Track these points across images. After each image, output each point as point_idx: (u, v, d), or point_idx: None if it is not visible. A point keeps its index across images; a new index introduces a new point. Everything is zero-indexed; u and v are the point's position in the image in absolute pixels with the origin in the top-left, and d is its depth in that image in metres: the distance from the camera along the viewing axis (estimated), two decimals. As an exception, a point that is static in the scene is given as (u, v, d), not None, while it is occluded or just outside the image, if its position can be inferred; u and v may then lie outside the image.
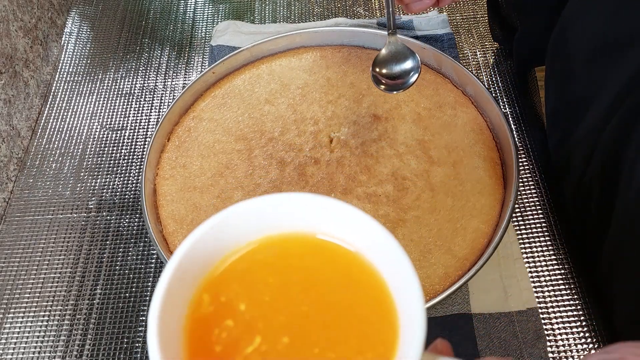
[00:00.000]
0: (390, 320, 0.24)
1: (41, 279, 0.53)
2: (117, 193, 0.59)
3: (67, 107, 0.67)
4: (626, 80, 0.42)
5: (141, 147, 0.62)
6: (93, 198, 0.59)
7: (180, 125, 0.56)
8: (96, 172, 0.61)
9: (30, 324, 0.51)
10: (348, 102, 0.56)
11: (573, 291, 0.49)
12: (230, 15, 0.75)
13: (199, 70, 0.69)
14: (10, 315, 0.51)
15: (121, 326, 0.50)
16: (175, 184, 0.52)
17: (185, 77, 0.69)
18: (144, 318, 0.50)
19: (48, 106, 0.67)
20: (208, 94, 0.58)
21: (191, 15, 0.76)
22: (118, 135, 0.64)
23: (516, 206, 0.54)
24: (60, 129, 0.65)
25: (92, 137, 0.64)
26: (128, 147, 0.62)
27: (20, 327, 0.51)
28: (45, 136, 0.64)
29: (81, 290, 0.53)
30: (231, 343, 0.23)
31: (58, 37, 0.74)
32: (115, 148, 0.62)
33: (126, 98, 0.67)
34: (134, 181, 0.60)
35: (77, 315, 0.51)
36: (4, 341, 0.50)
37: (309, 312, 0.24)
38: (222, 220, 0.25)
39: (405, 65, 0.50)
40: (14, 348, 0.50)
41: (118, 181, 0.60)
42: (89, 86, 0.69)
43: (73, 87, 0.69)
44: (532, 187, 0.55)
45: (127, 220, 0.57)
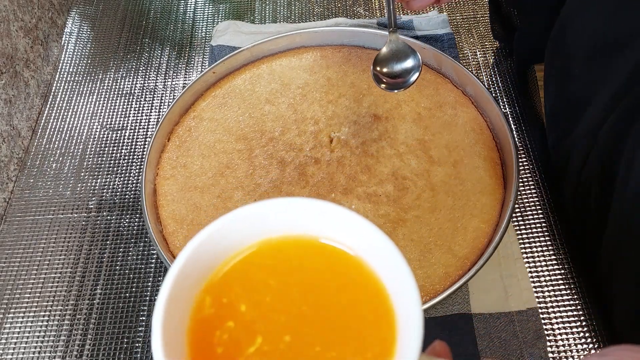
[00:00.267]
0: (388, 322, 0.24)
1: (41, 279, 0.53)
2: (118, 193, 0.59)
3: (68, 107, 0.67)
4: (624, 79, 0.42)
5: (141, 147, 0.62)
6: (93, 198, 0.59)
7: (180, 125, 0.56)
8: (96, 172, 0.61)
9: (30, 324, 0.51)
10: (348, 102, 0.56)
11: (573, 291, 0.49)
12: (230, 15, 0.75)
13: (199, 70, 0.69)
14: (10, 315, 0.51)
15: (121, 326, 0.50)
16: (175, 184, 0.52)
17: (185, 77, 0.69)
18: (144, 318, 0.50)
19: (48, 106, 0.67)
20: (208, 94, 0.58)
21: (191, 15, 0.76)
22: (118, 135, 0.64)
23: (516, 206, 0.54)
24: (60, 129, 0.65)
25: (93, 137, 0.64)
26: (128, 147, 0.62)
27: (20, 327, 0.51)
28: (45, 136, 0.64)
29: (81, 290, 0.53)
30: (233, 344, 0.24)
31: (58, 37, 0.74)
32: (115, 148, 0.62)
33: (126, 98, 0.67)
34: (134, 181, 0.60)
35: (77, 315, 0.51)
36: (4, 341, 0.50)
37: (309, 313, 0.25)
38: (226, 223, 0.25)
39: (406, 64, 0.49)
40: (14, 348, 0.50)
41: (118, 181, 0.60)
42: (89, 86, 0.69)
43: (73, 87, 0.69)
44: (532, 187, 0.55)
45: (127, 220, 0.57)
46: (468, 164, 0.51)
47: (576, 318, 0.48)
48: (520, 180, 0.54)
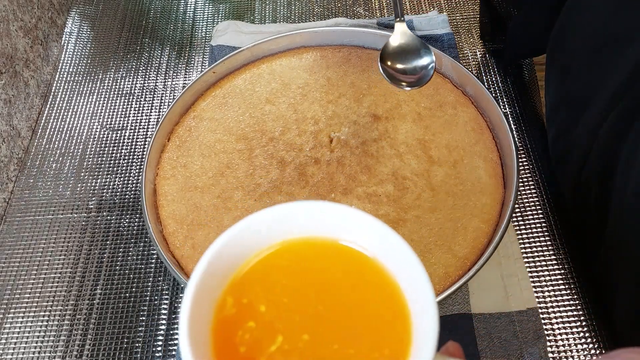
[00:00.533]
0: (404, 321, 0.25)
1: (41, 279, 0.53)
2: (118, 193, 0.59)
3: (68, 107, 0.67)
4: (625, 77, 0.42)
5: (141, 147, 0.62)
6: (93, 198, 0.59)
7: (180, 125, 0.56)
8: (96, 172, 0.61)
9: (30, 324, 0.51)
10: (348, 102, 0.56)
11: (573, 291, 0.49)
12: (230, 15, 0.75)
13: (199, 70, 0.69)
14: (10, 315, 0.51)
15: (121, 326, 0.50)
16: (175, 184, 0.52)
17: (185, 77, 0.69)
18: (144, 318, 0.50)
19: (48, 106, 0.67)
20: (208, 94, 0.58)
21: (191, 15, 0.76)
22: (118, 135, 0.64)
23: (516, 206, 0.54)
24: (60, 129, 0.65)
25: (93, 137, 0.64)
26: (128, 147, 0.62)
27: (20, 327, 0.51)
28: (45, 136, 0.64)
29: (81, 290, 0.53)
30: (254, 343, 0.25)
31: (58, 37, 0.74)
32: (115, 148, 0.62)
33: (126, 98, 0.67)
34: (134, 181, 0.60)
35: (77, 315, 0.51)
36: (4, 341, 0.50)
37: (326, 312, 0.26)
38: (248, 225, 0.26)
39: (421, 60, 0.48)
40: (14, 348, 0.50)
41: (118, 181, 0.60)
42: (89, 86, 0.69)
43: (73, 87, 0.69)
44: (532, 187, 0.55)
45: (127, 220, 0.57)
46: (468, 164, 0.51)
47: (576, 318, 0.48)
48: (520, 180, 0.54)
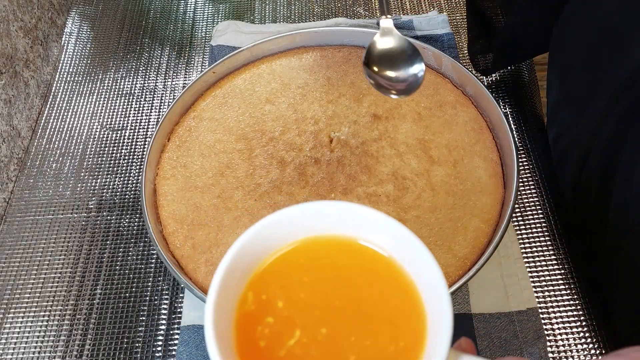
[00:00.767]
0: (419, 316, 0.26)
1: (41, 279, 0.53)
2: (117, 193, 0.59)
3: (67, 107, 0.67)
4: (625, 76, 0.42)
5: (141, 147, 0.62)
6: (93, 198, 0.59)
7: (180, 124, 0.56)
8: (96, 172, 0.61)
9: (30, 324, 0.51)
10: (348, 102, 0.56)
11: (573, 291, 0.49)
12: (230, 15, 0.75)
13: (199, 70, 0.69)
14: (10, 315, 0.51)
15: (121, 326, 0.50)
16: (175, 184, 0.52)
17: (185, 77, 0.69)
18: (144, 318, 0.50)
19: (48, 106, 0.67)
20: (208, 94, 0.58)
21: (191, 15, 0.76)
22: (118, 135, 0.64)
23: (516, 206, 0.54)
24: (60, 129, 0.65)
25: (92, 137, 0.64)
26: (128, 147, 0.62)
27: (20, 327, 0.51)
28: (45, 136, 0.64)
29: (81, 290, 0.53)
30: (274, 338, 0.26)
31: (58, 37, 0.74)
32: (115, 148, 0.62)
33: (126, 98, 0.67)
34: (134, 181, 0.60)
35: (77, 315, 0.51)
36: (4, 341, 0.50)
37: (342, 307, 0.27)
38: (270, 223, 0.28)
39: (411, 69, 0.45)
40: (14, 348, 0.50)
41: (118, 181, 0.60)
42: (89, 86, 0.69)
43: (73, 87, 0.69)
44: (532, 187, 0.55)
45: (127, 220, 0.57)
46: (468, 164, 0.51)
47: (576, 318, 0.48)
48: (520, 180, 0.54)
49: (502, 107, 0.60)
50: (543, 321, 0.47)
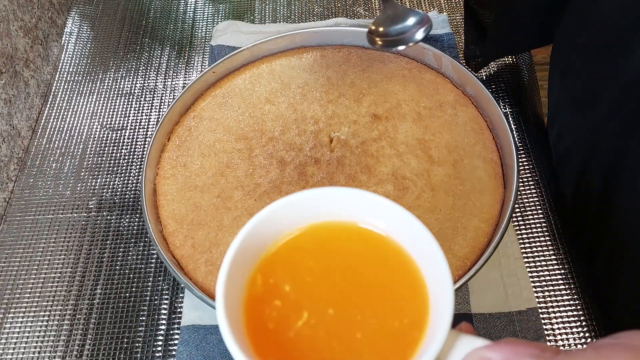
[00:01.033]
0: (421, 294, 0.27)
1: (41, 279, 0.53)
2: (117, 193, 0.59)
3: (67, 107, 0.67)
4: (631, 76, 0.42)
5: (141, 147, 0.62)
6: (93, 198, 0.59)
7: (180, 124, 0.56)
8: (96, 172, 0.61)
9: (30, 324, 0.51)
10: (348, 102, 0.56)
11: (573, 291, 0.49)
12: (230, 15, 0.75)
13: (199, 70, 0.69)
14: (10, 315, 0.51)
15: (121, 326, 0.50)
16: (175, 184, 0.52)
17: (185, 77, 0.69)
18: (144, 318, 0.50)
19: (48, 106, 0.67)
20: (208, 94, 0.58)
21: (191, 15, 0.76)
22: (118, 135, 0.64)
23: (516, 206, 0.54)
24: (60, 129, 0.65)
25: (92, 137, 0.64)
26: (128, 147, 0.62)
27: (20, 327, 0.51)
28: (45, 136, 0.64)
29: (81, 290, 0.53)
30: (282, 320, 0.27)
31: (58, 37, 0.74)
32: (115, 148, 0.62)
33: (126, 98, 0.67)
34: (134, 181, 0.60)
35: (77, 315, 0.51)
36: (4, 341, 0.50)
37: (348, 288, 0.28)
38: (277, 208, 0.29)
39: (407, 21, 0.46)
40: (14, 348, 0.50)
41: (118, 181, 0.60)
42: (89, 86, 0.69)
43: (73, 87, 0.69)
44: (532, 187, 0.55)
45: (127, 220, 0.57)
46: (468, 164, 0.51)
47: (576, 318, 0.48)
48: (520, 180, 0.54)
49: (502, 107, 0.60)
50: (543, 321, 0.47)
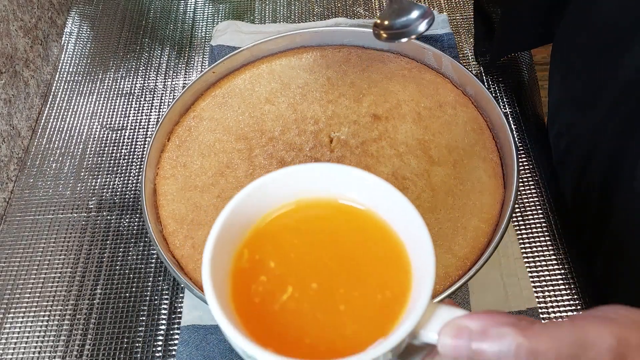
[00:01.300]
0: (404, 267, 0.28)
1: (41, 279, 0.53)
2: (117, 193, 0.59)
3: (67, 107, 0.67)
4: (631, 75, 0.42)
5: (141, 147, 0.62)
6: (93, 198, 0.59)
7: (180, 124, 0.56)
8: (96, 172, 0.61)
9: (30, 324, 0.51)
10: (348, 102, 0.56)
11: (573, 291, 0.49)
12: (230, 15, 0.75)
13: (199, 70, 0.69)
14: (10, 315, 0.51)
15: (121, 326, 0.50)
16: (175, 184, 0.52)
17: (185, 77, 0.69)
18: (144, 318, 0.50)
19: (48, 106, 0.67)
20: (208, 94, 0.58)
21: (191, 15, 0.76)
22: (118, 135, 0.64)
23: (516, 206, 0.54)
24: (60, 129, 0.65)
25: (92, 137, 0.64)
26: (128, 147, 0.62)
27: (20, 327, 0.51)
28: (45, 136, 0.64)
29: (81, 290, 0.53)
30: (268, 295, 0.27)
31: (58, 37, 0.74)
32: (115, 148, 0.62)
33: (126, 98, 0.67)
34: (134, 181, 0.60)
35: (77, 315, 0.51)
36: (4, 341, 0.50)
37: (331, 263, 0.28)
38: (263, 184, 0.29)
39: (411, 14, 0.48)
40: (14, 348, 0.50)
41: (118, 181, 0.60)
42: (89, 86, 0.69)
43: (73, 87, 0.69)
44: (532, 187, 0.55)
45: (127, 220, 0.57)
46: (468, 164, 0.51)
47: (576, 318, 0.48)
48: (520, 180, 0.54)
49: (502, 107, 0.60)
50: (543, 321, 0.47)
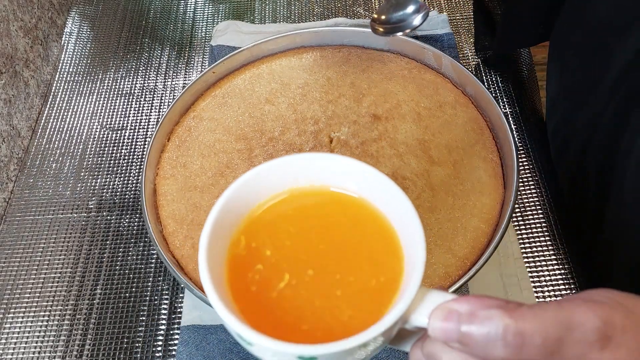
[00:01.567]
0: (396, 253, 0.28)
1: (41, 279, 0.53)
2: (117, 193, 0.59)
3: (67, 107, 0.67)
4: (623, 66, 0.42)
5: (141, 147, 0.62)
6: (93, 198, 0.59)
7: (180, 124, 0.56)
8: (96, 172, 0.61)
9: (30, 324, 0.51)
10: (348, 102, 0.56)
11: (573, 291, 0.49)
12: (230, 15, 0.75)
13: (199, 70, 0.69)
14: (10, 315, 0.51)
15: (121, 326, 0.50)
16: (175, 184, 0.52)
17: (185, 77, 0.69)
18: (144, 318, 0.50)
19: (48, 106, 0.67)
20: (208, 94, 0.58)
21: (191, 15, 0.76)
22: (118, 135, 0.64)
23: (516, 206, 0.54)
24: (60, 129, 0.65)
25: (92, 137, 0.64)
26: (128, 147, 0.62)
27: (20, 327, 0.51)
28: (45, 136, 0.64)
29: (81, 290, 0.53)
30: (264, 283, 0.28)
31: (58, 37, 0.74)
32: (115, 148, 0.63)
33: (126, 98, 0.67)
34: (134, 181, 0.60)
35: (77, 315, 0.51)
36: (4, 341, 0.50)
37: (326, 250, 0.29)
38: (259, 172, 0.30)
39: (406, 9, 0.49)
40: (14, 348, 0.50)
41: (118, 181, 0.60)
42: (89, 86, 0.69)
43: (73, 87, 0.69)
44: (532, 187, 0.55)
45: (127, 220, 0.57)
46: (468, 164, 0.51)
47: (576, 318, 0.48)
48: (520, 180, 0.54)
49: (502, 107, 0.60)
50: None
